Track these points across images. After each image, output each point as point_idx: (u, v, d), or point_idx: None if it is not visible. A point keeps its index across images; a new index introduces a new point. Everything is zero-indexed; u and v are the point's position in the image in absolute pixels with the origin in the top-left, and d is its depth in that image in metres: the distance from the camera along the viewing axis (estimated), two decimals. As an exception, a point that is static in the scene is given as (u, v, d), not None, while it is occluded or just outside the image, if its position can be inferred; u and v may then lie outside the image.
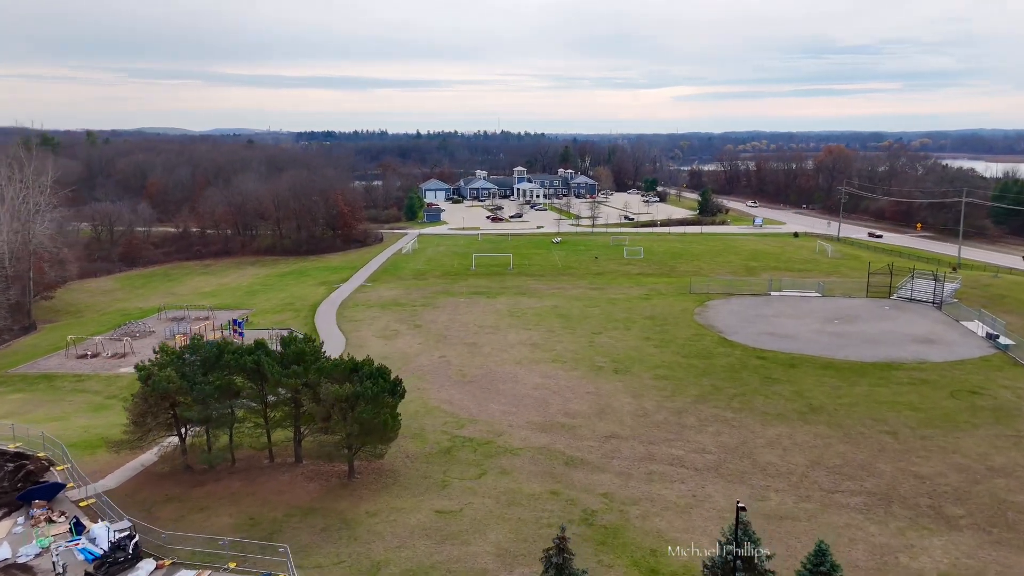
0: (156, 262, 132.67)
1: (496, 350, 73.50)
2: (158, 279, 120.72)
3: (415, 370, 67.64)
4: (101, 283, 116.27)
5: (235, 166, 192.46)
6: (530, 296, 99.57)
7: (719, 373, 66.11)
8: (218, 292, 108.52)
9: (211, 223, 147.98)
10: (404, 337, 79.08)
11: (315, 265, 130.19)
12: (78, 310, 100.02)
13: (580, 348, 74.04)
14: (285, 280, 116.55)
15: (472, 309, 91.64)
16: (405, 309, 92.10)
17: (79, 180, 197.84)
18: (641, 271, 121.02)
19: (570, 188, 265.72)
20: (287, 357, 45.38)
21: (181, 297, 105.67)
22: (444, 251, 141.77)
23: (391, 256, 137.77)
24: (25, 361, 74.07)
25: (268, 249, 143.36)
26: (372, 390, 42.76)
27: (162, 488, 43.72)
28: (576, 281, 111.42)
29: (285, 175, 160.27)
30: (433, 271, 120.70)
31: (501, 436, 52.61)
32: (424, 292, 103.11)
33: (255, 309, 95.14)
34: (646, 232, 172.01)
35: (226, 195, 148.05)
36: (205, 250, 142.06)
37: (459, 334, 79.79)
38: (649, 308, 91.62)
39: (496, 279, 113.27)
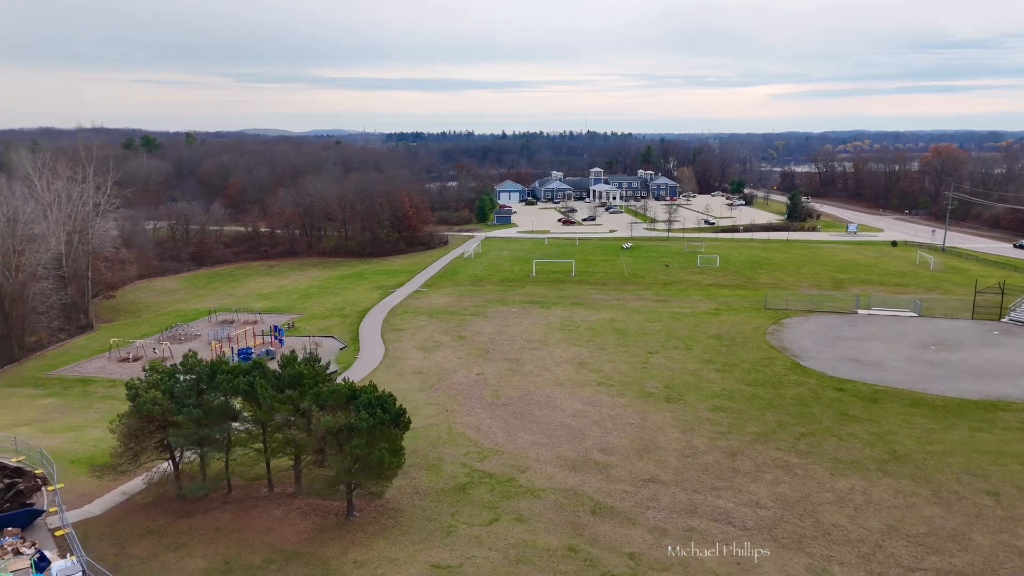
0: (224, 262, 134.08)
1: (539, 368, 67.85)
2: (222, 279, 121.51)
3: (448, 388, 62.95)
4: (167, 283, 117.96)
5: (310, 167, 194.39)
6: (587, 307, 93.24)
7: (786, 406, 58.08)
8: (275, 294, 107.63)
9: (281, 223, 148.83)
10: (445, 349, 74.59)
11: (375, 268, 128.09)
12: (138, 310, 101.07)
13: (631, 370, 67.38)
14: (342, 283, 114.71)
15: (523, 320, 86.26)
16: (454, 318, 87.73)
17: (167, 180, 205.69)
18: (714, 281, 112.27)
19: (649, 190, 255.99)
20: (283, 380, 41.38)
21: (239, 299, 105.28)
22: (507, 255, 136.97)
23: (452, 260, 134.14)
24: (70, 363, 74.15)
25: (332, 251, 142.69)
26: (368, 422, 38.09)
27: (148, 518, 40.59)
28: (640, 291, 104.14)
29: (352, 176, 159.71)
30: (491, 277, 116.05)
31: (525, 473, 47.03)
32: (477, 300, 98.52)
33: (305, 314, 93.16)
34: (726, 238, 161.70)
35: (294, 195, 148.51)
36: (272, 250, 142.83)
37: (503, 349, 74.59)
38: (716, 325, 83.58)
39: (555, 287, 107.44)
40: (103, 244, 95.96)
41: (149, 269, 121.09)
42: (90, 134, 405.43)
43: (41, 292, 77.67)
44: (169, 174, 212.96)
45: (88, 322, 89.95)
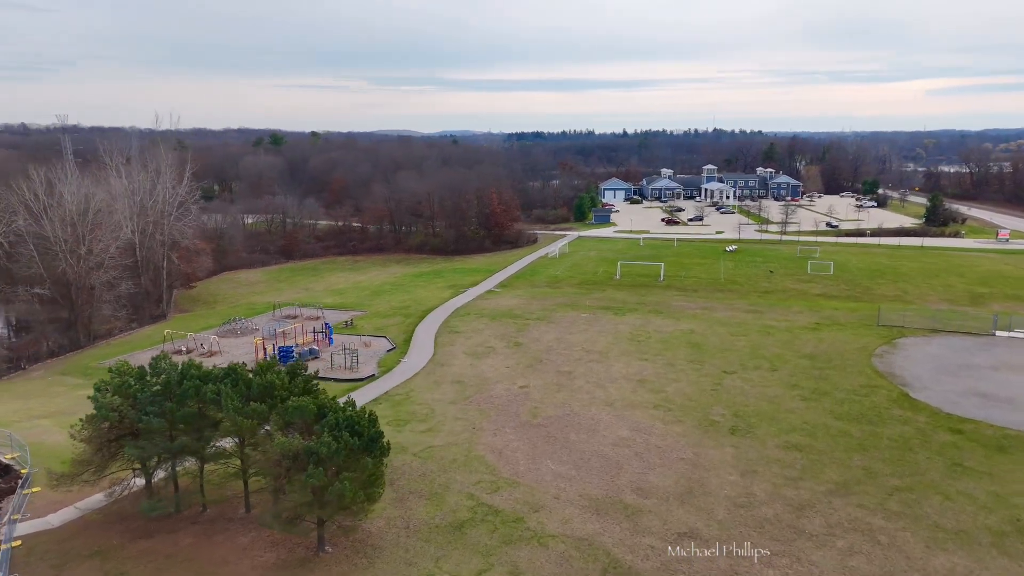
0: (312, 256, 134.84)
1: (590, 384, 60.13)
2: (304, 273, 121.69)
3: (484, 401, 56.64)
4: (251, 275, 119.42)
5: (411, 164, 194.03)
6: (666, 316, 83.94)
7: (882, 449, 47.31)
8: (348, 290, 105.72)
9: (374, 219, 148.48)
10: (495, 357, 68.34)
11: (455, 266, 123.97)
12: (216, 301, 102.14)
13: (698, 392, 58.25)
14: (417, 281, 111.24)
15: (589, 327, 78.47)
16: (516, 322, 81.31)
17: (279, 175, 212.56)
18: (823, 291, 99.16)
19: (768, 189, 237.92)
20: (254, 390, 36.58)
21: (314, 294, 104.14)
22: (594, 256, 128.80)
23: (536, 260, 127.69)
24: (126, 352, 74.28)
25: (418, 247, 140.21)
26: (329, 448, 32.45)
27: (104, 536, 37.04)
28: (734, 300, 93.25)
29: (441, 172, 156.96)
30: (571, 279, 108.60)
31: (538, 512, 39.91)
32: (547, 303, 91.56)
33: (368, 311, 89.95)
34: (847, 243, 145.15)
35: (385, 191, 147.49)
36: (361, 246, 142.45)
37: (557, 359, 67.35)
38: (813, 343, 72.17)
39: (638, 291, 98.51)
40: (181, 236, 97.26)
41: (237, 261, 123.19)
42: (235, 134, 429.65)
43: (109, 280, 78.69)
44: (282, 170, 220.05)
45: (162, 312, 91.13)
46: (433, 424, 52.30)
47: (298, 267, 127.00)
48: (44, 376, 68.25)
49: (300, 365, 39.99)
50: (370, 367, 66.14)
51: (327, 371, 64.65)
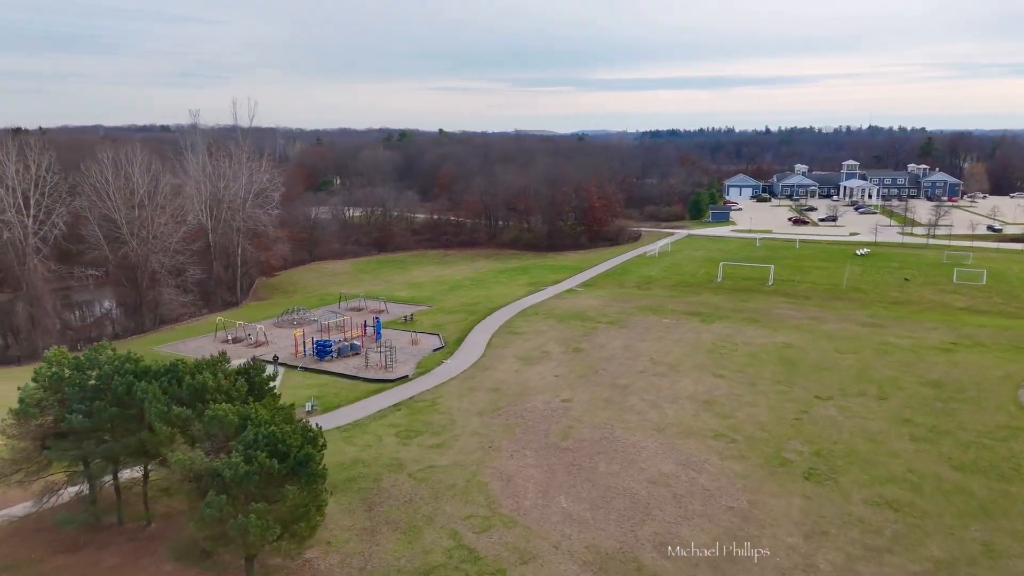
0: (404, 249, 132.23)
1: (645, 403, 50.86)
2: (391, 266, 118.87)
3: (514, 415, 49.03)
4: (338, 266, 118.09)
5: (521, 159, 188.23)
6: (762, 325, 72.16)
7: (1014, 518, 35.10)
8: (426, 284, 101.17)
9: (470, 213, 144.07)
10: (547, 363, 60.39)
11: (543, 263, 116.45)
12: (295, 290, 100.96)
13: (776, 421, 47.51)
14: (499, 277, 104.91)
15: (665, 335, 68.52)
16: (584, 325, 72.77)
17: (393, 170, 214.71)
18: (969, 304, 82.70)
19: (921, 188, 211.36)
20: (184, 391, 31.24)
21: (393, 286, 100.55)
22: (699, 256, 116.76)
23: (632, 258, 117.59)
24: (178, 339, 73.24)
25: (510, 242, 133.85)
26: (236, 471, 26.34)
27: (28, 547, 33.11)
28: (851, 310, 79.42)
29: (539, 165, 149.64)
30: (664, 280, 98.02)
31: (527, 564, 31.98)
32: (628, 305, 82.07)
33: (435, 307, 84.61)
34: (1010, 249, 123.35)
35: (482, 185, 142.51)
36: (455, 240, 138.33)
37: (616, 370, 58.35)
38: (943, 366, 58.46)
39: (737, 297, 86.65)
40: (259, 224, 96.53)
41: (328, 251, 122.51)
42: (377, 134, 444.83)
43: (176, 265, 78.25)
44: (397, 164, 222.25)
45: (235, 299, 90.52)
46: (446, 439, 45.41)
47: (387, 259, 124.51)
48: (93, 359, 68.11)
49: (256, 366, 34.32)
50: (407, 367, 60.33)
51: (360, 369, 59.55)
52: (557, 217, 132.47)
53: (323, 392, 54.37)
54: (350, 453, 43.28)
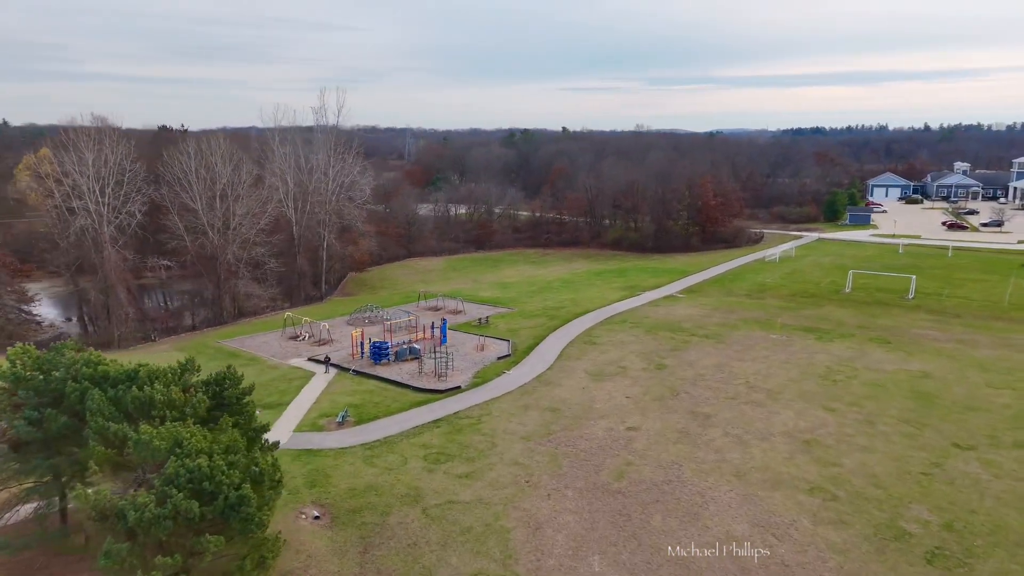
0: (503, 247, 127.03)
1: (729, 438, 41.87)
2: (484, 264, 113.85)
3: (567, 442, 41.73)
4: (431, 263, 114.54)
5: (636, 155, 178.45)
6: (894, 347, 60.06)
7: None
8: (515, 284, 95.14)
9: (574, 211, 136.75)
10: (621, 381, 52.37)
11: (645, 265, 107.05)
12: (383, 286, 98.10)
13: (896, 475, 37.21)
14: (594, 279, 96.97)
15: (771, 354, 58.31)
16: (675, 338, 63.77)
17: (504, 167, 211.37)
18: None
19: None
20: (130, 404, 26.63)
21: (481, 286, 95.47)
22: (827, 263, 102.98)
23: (748, 263, 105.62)
24: (246, 334, 71.33)
25: (614, 242, 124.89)
26: (140, 514, 21.14)
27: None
28: (1014, 334, 65.14)
29: (649, 160, 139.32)
30: (782, 288, 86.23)
31: (526, 651, 24.82)
32: (733, 316, 71.87)
33: (517, 310, 78.29)
34: None
35: (588, 180, 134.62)
36: (556, 238, 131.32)
37: (702, 394, 49.38)
38: None
39: (868, 311, 74.02)
40: (348, 218, 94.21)
41: (424, 247, 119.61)
42: (504, 133, 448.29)
43: (256, 257, 76.83)
44: (509, 161, 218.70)
45: (319, 294, 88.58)
46: (478, 467, 38.88)
47: (481, 257, 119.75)
48: (156, 350, 67.35)
49: (230, 376, 29.34)
50: (464, 376, 54.36)
51: (412, 376, 54.22)
52: (666, 216, 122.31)
53: (365, 400, 49.46)
54: (366, 477, 37.74)
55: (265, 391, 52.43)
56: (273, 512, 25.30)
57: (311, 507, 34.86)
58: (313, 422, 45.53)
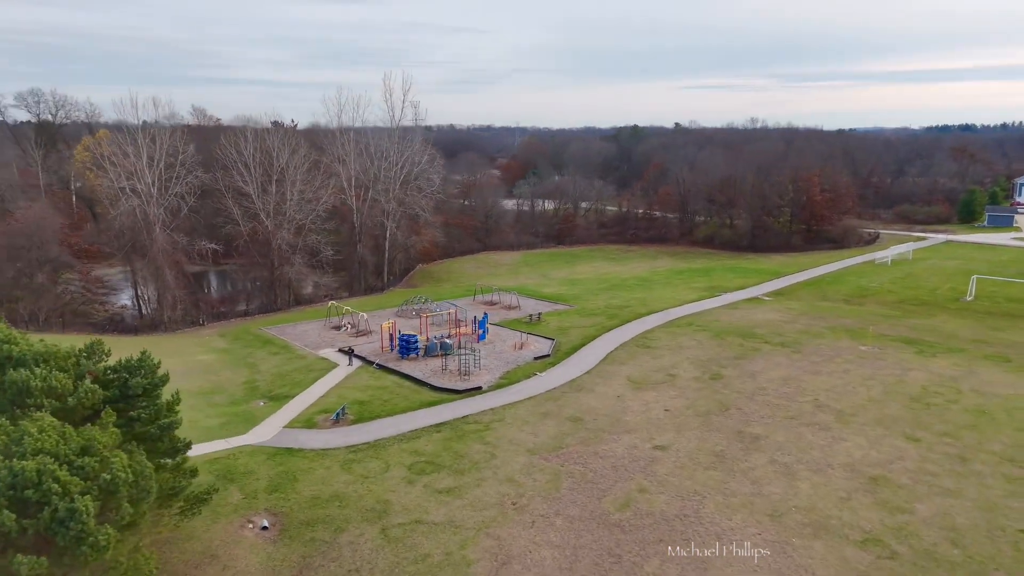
0: (585, 242, 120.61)
1: (774, 468, 34.48)
2: (559, 259, 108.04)
3: (575, 460, 35.87)
4: (506, 256, 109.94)
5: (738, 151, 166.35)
6: (1013, 367, 49.36)
7: None
8: (583, 281, 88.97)
9: (664, 206, 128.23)
10: (664, 391, 45.57)
11: (735, 264, 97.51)
12: (448, 279, 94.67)
13: (984, 533, 28.77)
14: (673, 278, 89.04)
15: (853, 369, 49.35)
16: (744, 344, 55.77)
17: (604, 161, 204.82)
18: None
19: None
20: (6, 390, 23.47)
21: (549, 281, 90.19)
22: (949, 267, 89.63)
23: (855, 265, 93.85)
24: (290, 322, 69.58)
25: (705, 240, 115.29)
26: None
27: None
28: None
29: (746, 153, 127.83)
30: (887, 295, 75.17)
31: None
32: (819, 323, 62.56)
33: (576, 307, 72.35)
34: None
35: (681, 175, 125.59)
36: (643, 234, 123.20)
37: (756, 411, 41.81)
38: None
39: (989, 323, 62.51)
40: (416, 208, 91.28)
41: (502, 242, 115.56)
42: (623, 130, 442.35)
43: (312, 244, 75.11)
44: (608, 156, 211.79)
45: (380, 284, 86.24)
46: (465, 482, 33.77)
47: (559, 253, 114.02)
48: (201, 334, 66.75)
49: (145, 363, 25.83)
50: (489, 376, 49.35)
51: (434, 373, 49.81)
52: (765, 212, 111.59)
53: (374, 397, 45.52)
54: (336, 485, 33.55)
55: (280, 382, 49.88)
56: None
57: (263, 515, 31.05)
58: (309, 418, 42.02)
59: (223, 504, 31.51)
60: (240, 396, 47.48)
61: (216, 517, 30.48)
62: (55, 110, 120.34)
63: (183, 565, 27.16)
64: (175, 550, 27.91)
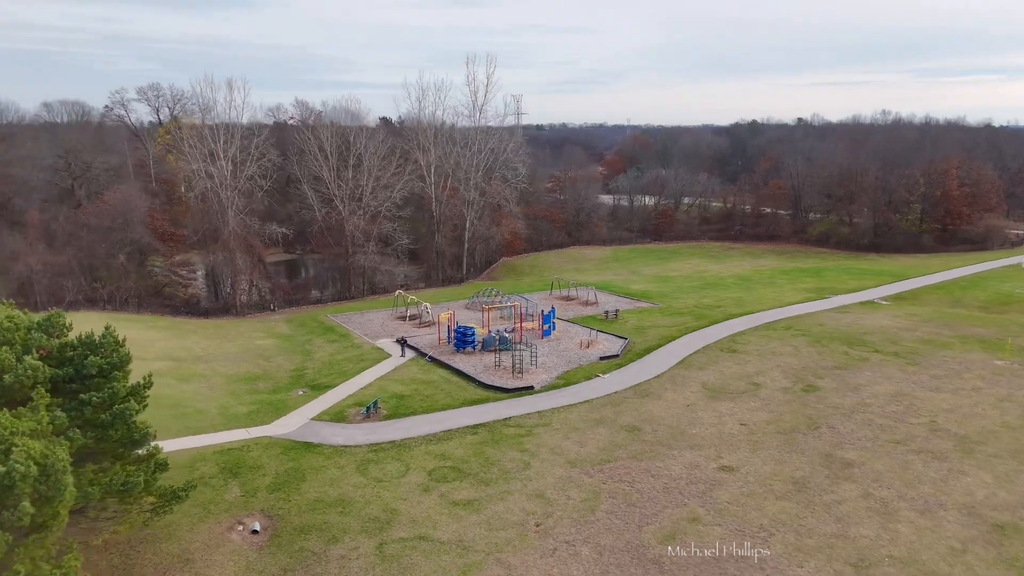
0: (683, 238, 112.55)
1: (867, 503, 27.77)
2: (651, 256, 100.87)
3: (621, 478, 30.65)
4: (596, 251, 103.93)
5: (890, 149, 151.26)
6: None
7: None
8: (675, 279, 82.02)
9: (776, 202, 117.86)
10: (746, 402, 39.17)
11: (852, 266, 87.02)
12: (531, 273, 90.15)
13: None
14: (777, 278, 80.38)
15: (983, 386, 40.75)
16: (849, 353, 47.94)
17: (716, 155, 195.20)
18: None
19: None
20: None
21: (639, 278, 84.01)
22: (1117, 273, 75.91)
23: (997, 268, 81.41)
24: (362, 310, 67.44)
25: (820, 238, 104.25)
26: None
27: None
28: None
29: (871, 144, 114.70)
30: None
31: None
32: (946, 331, 53.24)
33: (662, 305, 66.11)
34: None
35: (796, 168, 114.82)
36: (749, 231, 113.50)
37: (854, 431, 34.74)
38: None
39: None
40: (500, 199, 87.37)
41: (594, 236, 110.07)
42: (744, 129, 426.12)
43: (386, 233, 72.82)
44: (718, 151, 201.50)
45: (460, 276, 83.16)
46: (489, 494, 29.32)
47: (653, 249, 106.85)
48: (269, 319, 65.67)
49: (107, 341, 23.07)
50: (546, 376, 44.61)
51: (487, 370, 45.64)
52: (890, 208, 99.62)
53: (417, 392, 41.91)
54: (344, 488, 30.00)
55: (327, 370, 47.38)
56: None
57: (257, 516, 27.91)
58: (340, 411, 38.91)
59: (218, 501, 28.68)
60: (284, 383, 45.28)
61: (205, 515, 27.64)
62: (172, 104, 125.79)
63: (151, 569, 24.33)
64: (148, 551, 25.17)
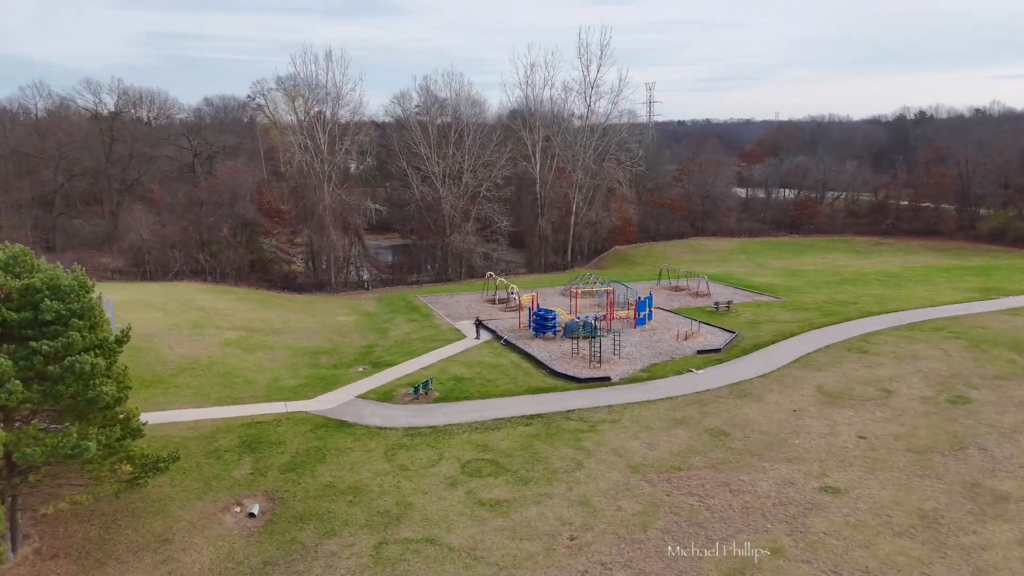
0: (824, 232, 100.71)
1: (1019, 552, 20.18)
2: (783, 249, 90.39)
3: (691, 490, 24.86)
4: (718, 243, 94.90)
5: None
6: None
7: None
8: (806, 273, 72.51)
9: (937, 195, 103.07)
10: (869, 411, 31.70)
11: None
12: (643, 263, 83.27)
13: None
14: (931, 275, 68.85)
15: None
16: (1017, 360, 38.43)
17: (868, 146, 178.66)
18: None
19: None
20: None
21: (761, 271, 75.42)
22: None
23: None
24: (452, 292, 64.30)
25: (991, 234, 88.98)
26: None
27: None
28: None
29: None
30: None
31: None
32: None
33: (785, 300, 57.93)
34: None
35: (965, 158, 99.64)
36: (904, 226, 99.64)
37: (1013, 457, 26.63)
38: None
39: None
40: (612, 181, 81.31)
41: (720, 227, 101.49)
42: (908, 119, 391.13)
43: (484, 215, 69.30)
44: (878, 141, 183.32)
45: (564, 262, 78.30)
46: (524, 495, 24.56)
47: (788, 241, 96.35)
48: (360, 297, 63.89)
49: (79, 283, 20.48)
50: (629, 367, 38.96)
51: (564, 357, 40.66)
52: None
53: (480, 375, 37.74)
54: (362, 474, 26.29)
55: (396, 349, 44.45)
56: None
57: (259, 498, 24.77)
58: (390, 390, 35.45)
59: (223, 477, 25.88)
60: (348, 359, 42.77)
61: (205, 491, 24.86)
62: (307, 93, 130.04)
63: (124, 547, 21.67)
64: (129, 526, 22.60)
